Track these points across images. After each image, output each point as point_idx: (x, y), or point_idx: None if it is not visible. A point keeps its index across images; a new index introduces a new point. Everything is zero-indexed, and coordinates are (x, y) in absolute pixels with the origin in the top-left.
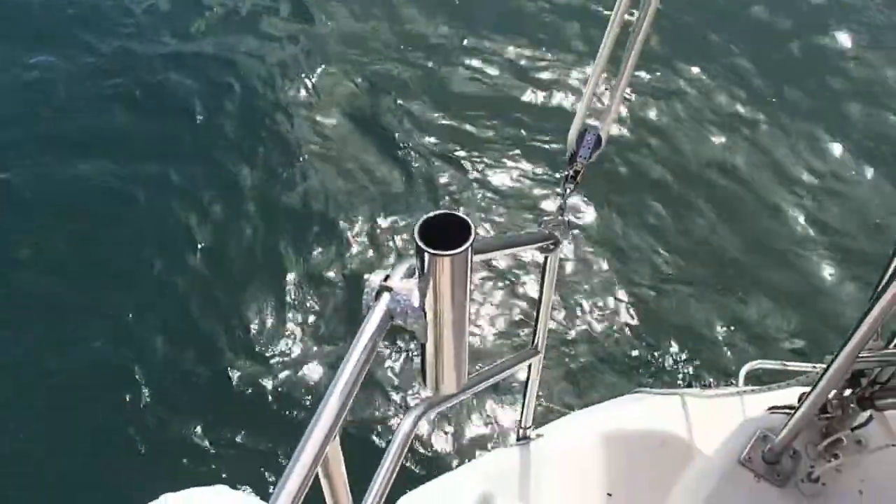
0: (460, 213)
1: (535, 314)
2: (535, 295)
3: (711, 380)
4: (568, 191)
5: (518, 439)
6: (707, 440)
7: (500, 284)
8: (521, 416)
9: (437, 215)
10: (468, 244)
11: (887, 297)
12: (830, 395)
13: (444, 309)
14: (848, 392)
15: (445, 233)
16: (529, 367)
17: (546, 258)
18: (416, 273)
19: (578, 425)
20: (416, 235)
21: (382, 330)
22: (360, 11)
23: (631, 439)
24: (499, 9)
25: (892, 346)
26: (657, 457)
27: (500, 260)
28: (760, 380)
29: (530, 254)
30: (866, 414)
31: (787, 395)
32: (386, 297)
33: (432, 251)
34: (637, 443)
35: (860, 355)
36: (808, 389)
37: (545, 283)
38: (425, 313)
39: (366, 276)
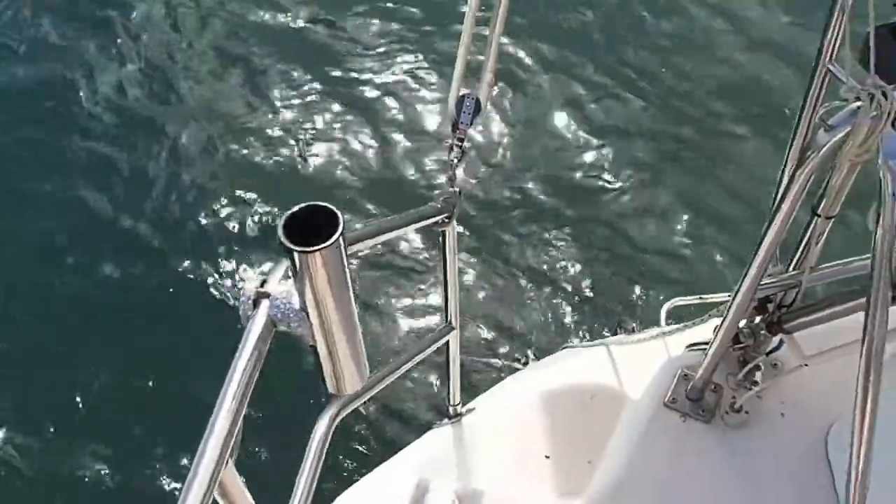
0: (326, 204)
1: (443, 291)
2: (439, 272)
3: (634, 325)
4: (455, 160)
5: (449, 418)
6: (634, 386)
7: (402, 266)
8: (449, 394)
9: (301, 209)
10: (337, 235)
11: (778, 223)
12: (741, 325)
13: (327, 308)
14: (757, 319)
15: (314, 226)
16: (447, 344)
17: (443, 233)
18: (292, 274)
19: (508, 392)
20: (280, 234)
21: (267, 339)
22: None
23: (561, 398)
24: None
25: (791, 268)
26: (589, 411)
27: (397, 241)
28: (682, 318)
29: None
30: (777, 338)
31: (705, 330)
32: (265, 303)
33: (299, 249)
34: (568, 401)
35: (762, 283)
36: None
37: (447, 259)
38: (308, 315)
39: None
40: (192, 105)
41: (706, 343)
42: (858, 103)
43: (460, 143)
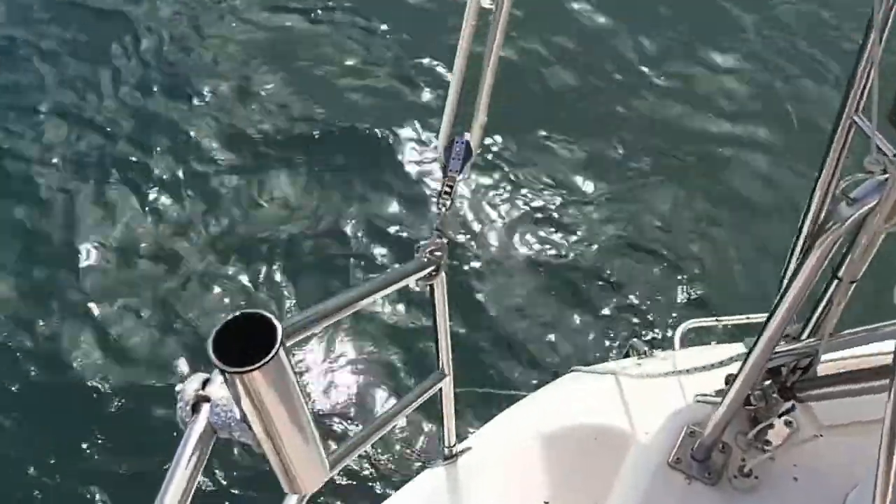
0: (262, 312)
1: (434, 339)
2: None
3: (647, 349)
4: (443, 209)
5: (444, 458)
6: (639, 431)
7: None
8: (444, 437)
9: (235, 318)
10: (274, 352)
11: (794, 292)
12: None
13: (271, 419)
14: (768, 382)
15: (252, 334)
16: (440, 391)
17: (431, 288)
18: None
19: (507, 429)
20: (210, 352)
21: (206, 447)
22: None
23: (563, 439)
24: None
25: (807, 334)
26: (592, 455)
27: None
28: (698, 340)
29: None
30: (791, 402)
31: (717, 377)
32: (205, 409)
33: (231, 370)
34: (570, 442)
35: (776, 350)
36: (734, 370)
37: (438, 311)
38: (250, 425)
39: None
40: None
41: (716, 395)
42: (886, 175)
43: (449, 191)
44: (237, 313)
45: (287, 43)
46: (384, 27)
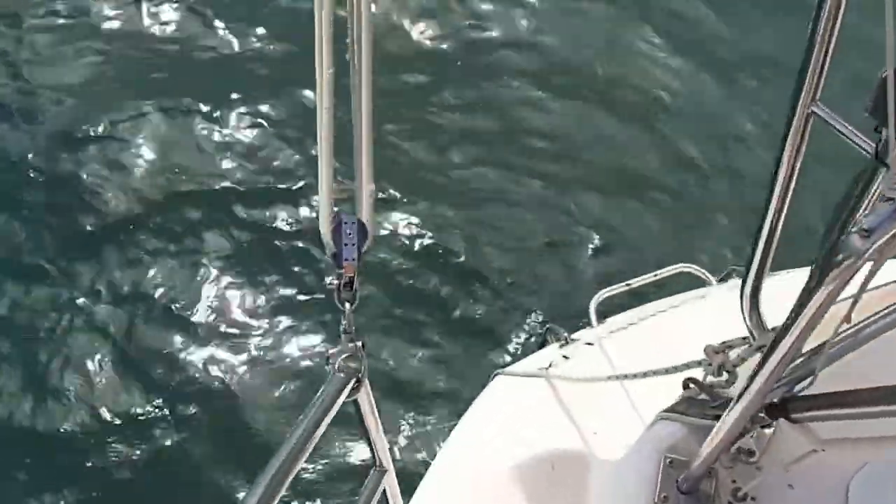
0: None
1: (366, 440)
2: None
3: (566, 333)
4: (347, 306)
5: None
6: (602, 455)
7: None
8: None
9: None
10: None
11: (797, 332)
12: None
13: None
14: None
15: None
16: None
17: (355, 402)
18: None
19: (453, 472)
20: None
21: None
22: None
23: (517, 471)
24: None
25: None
26: (553, 484)
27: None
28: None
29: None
30: None
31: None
32: None
33: None
34: (526, 473)
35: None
36: (692, 372)
37: (367, 419)
38: None
39: None
40: None
41: (681, 409)
42: None
43: (350, 284)
44: None
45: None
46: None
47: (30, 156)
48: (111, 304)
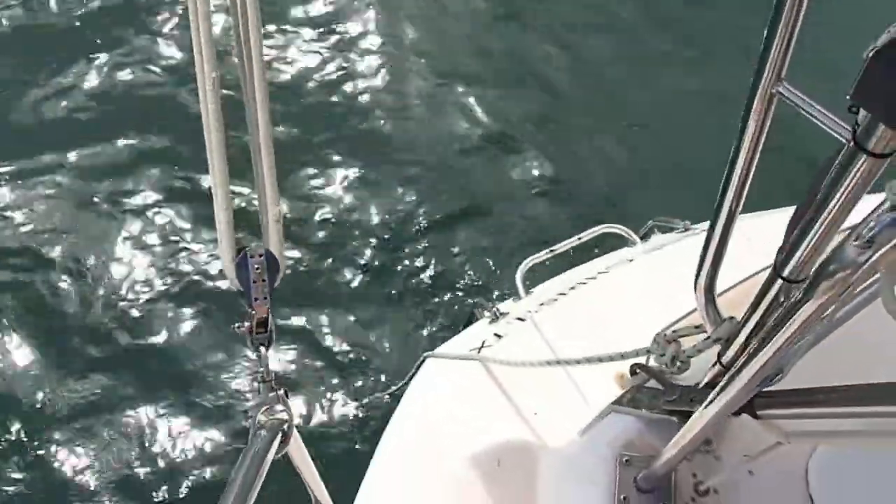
0: None
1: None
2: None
3: (496, 307)
4: (262, 350)
5: None
6: (551, 448)
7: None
8: None
9: None
10: None
11: (780, 341)
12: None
13: None
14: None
15: None
16: None
17: (286, 455)
18: None
19: (392, 473)
20: None
21: None
22: None
23: (461, 467)
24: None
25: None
26: (500, 484)
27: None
28: (538, 277)
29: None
30: None
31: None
32: None
33: None
34: (470, 469)
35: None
36: (639, 359)
37: (305, 472)
38: None
39: None
40: None
41: (629, 399)
42: None
43: (263, 325)
44: None
45: None
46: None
47: None
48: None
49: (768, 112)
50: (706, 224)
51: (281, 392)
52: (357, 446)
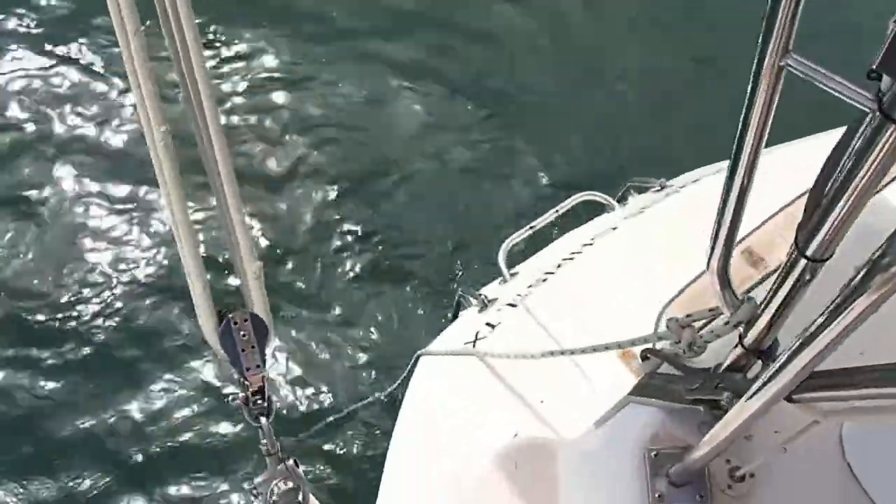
0: None
1: None
2: None
3: (483, 294)
4: (263, 420)
5: None
6: (558, 425)
7: None
8: None
9: None
10: None
11: (837, 330)
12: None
13: None
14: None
15: None
16: None
17: None
18: None
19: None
20: None
21: None
22: None
23: (479, 470)
24: None
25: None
26: (519, 485)
27: None
28: (521, 256)
29: None
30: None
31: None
32: None
33: None
34: (487, 472)
35: None
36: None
37: None
38: None
39: None
40: None
41: (648, 389)
42: None
43: (260, 395)
44: None
45: None
46: None
47: None
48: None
49: (776, 86)
50: (682, 178)
51: (290, 462)
52: (355, 453)
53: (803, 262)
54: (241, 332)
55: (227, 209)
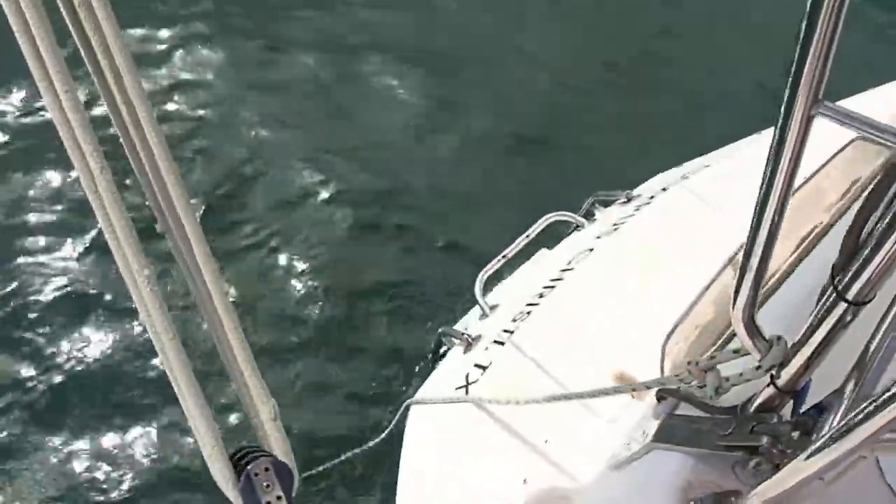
0: None
1: None
2: None
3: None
4: None
5: None
6: (578, 476)
7: None
8: None
9: None
10: None
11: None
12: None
13: None
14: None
15: None
16: None
17: None
18: None
19: None
20: None
21: None
22: None
23: None
24: None
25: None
26: None
27: None
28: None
29: None
30: None
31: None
32: None
33: None
34: None
35: None
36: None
37: None
38: None
39: None
40: None
41: (679, 440)
42: None
43: None
44: None
45: None
46: None
47: None
48: None
49: (806, 134)
50: (647, 187)
51: None
52: None
53: (843, 304)
54: (265, 484)
55: (228, 347)
